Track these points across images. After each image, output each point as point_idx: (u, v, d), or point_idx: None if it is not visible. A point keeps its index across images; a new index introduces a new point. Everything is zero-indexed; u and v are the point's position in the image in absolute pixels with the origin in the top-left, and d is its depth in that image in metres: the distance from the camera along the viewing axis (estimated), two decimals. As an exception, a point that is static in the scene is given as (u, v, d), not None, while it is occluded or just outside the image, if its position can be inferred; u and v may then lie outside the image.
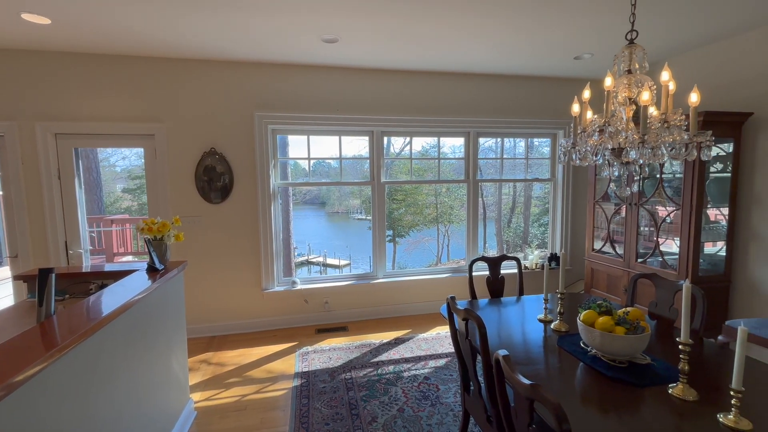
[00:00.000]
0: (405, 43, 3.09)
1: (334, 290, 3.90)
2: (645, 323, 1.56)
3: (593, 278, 3.93)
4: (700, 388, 1.43)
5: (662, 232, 3.32)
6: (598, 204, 3.92)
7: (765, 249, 2.91)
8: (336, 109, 3.78)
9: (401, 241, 13.21)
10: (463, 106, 4.07)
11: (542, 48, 3.25)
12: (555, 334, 1.95)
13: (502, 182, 4.91)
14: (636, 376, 1.48)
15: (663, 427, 1.24)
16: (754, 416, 1.28)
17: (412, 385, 2.73)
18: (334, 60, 3.52)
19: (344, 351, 3.27)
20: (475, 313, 1.59)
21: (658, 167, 3.28)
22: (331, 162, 7.54)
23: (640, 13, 2.58)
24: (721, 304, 3.10)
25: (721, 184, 3.09)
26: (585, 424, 1.27)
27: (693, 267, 2.98)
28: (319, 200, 20.11)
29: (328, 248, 15.48)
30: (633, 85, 1.51)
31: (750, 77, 2.98)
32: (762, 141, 2.91)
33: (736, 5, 2.50)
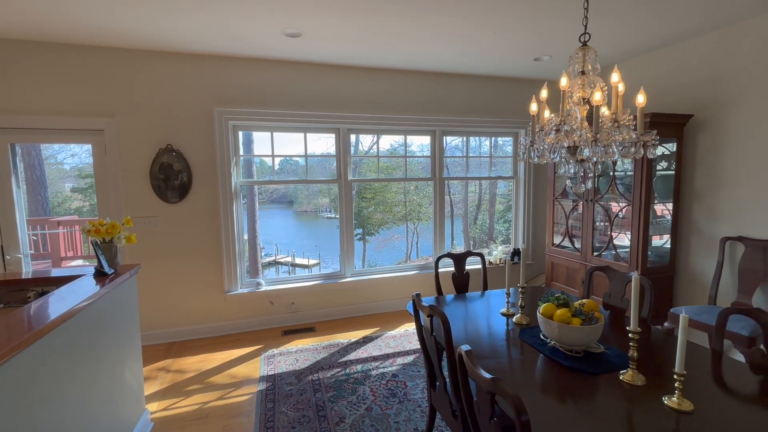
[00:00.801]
0: (369, 40, 3.08)
1: (301, 290, 3.82)
2: (599, 314, 1.64)
3: (553, 272, 4.10)
4: (648, 373, 1.52)
5: (615, 226, 3.51)
6: (557, 201, 4.08)
7: (704, 241, 3.15)
8: (301, 105, 3.70)
9: (371, 239, 13.21)
10: (429, 104, 4.11)
11: (504, 49, 3.34)
12: (517, 327, 2.01)
13: (467, 180, 5.04)
14: (591, 365, 1.55)
15: (614, 412, 1.30)
16: (695, 397, 1.37)
17: (380, 383, 2.72)
18: (298, 55, 3.44)
19: (311, 352, 3.21)
20: (439, 309, 1.61)
21: (610, 165, 3.47)
22: (298, 160, 7.44)
23: (593, 19, 2.71)
24: (666, 293, 3.32)
25: (666, 181, 3.31)
26: (545, 413, 1.31)
27: (642, 259, 3.17)
28: (286, 199, 19.70)
29: (297, 248, 15.23)
30: (586, 86, 1.58)
31: (691, 82, 3.20)
32: (701, 141, 3.14)
33: (679, 14, 2.68)
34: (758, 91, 2.76)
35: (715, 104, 3.02)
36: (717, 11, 2.65)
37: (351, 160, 3.97)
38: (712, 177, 3.07)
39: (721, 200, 3.01)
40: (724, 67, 2.96)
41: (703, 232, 3.15)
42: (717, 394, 1.40)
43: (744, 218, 2.87)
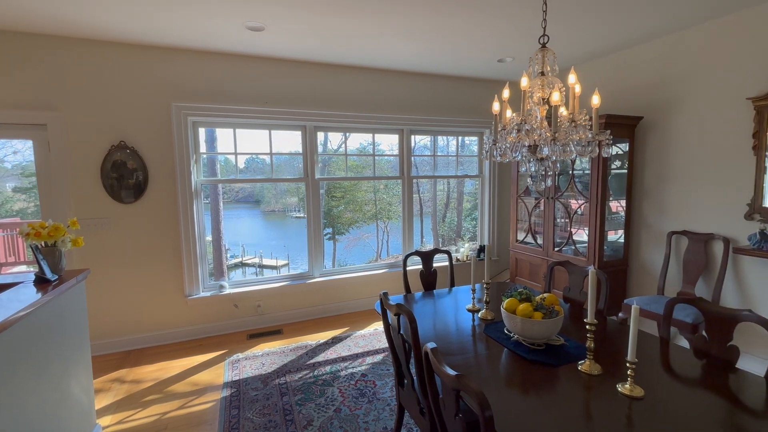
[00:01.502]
0: (334, 37, 3.03)
1: (268, 292, 3.72)
2: (559, 307, 1.69)
3: (517, 267, 4.23)
4: (604, 362, 1.59)
5: (575, 223, 3.67)
6: (520, 198, 4.22)
7: (653, 235, 3.36)
8: (265, 101, 3.59)
9: (341, 238, 13.11)
10: (397, 103, 4.11)
11: (469, 50, 3.39)
12: (483, 322, 2.05)
13: (435, 179, 5.14)
14: (551, 357, 1.60)
15: (573, 401, 1.35)
16: (646, 383, 1.45)
17: (349, 383, 2.70)
18: (261, 50, 3.33)
19: (279, 355, 3.13)
20: (406, 307, 1.60)
21: (570, 164, 3.62)
22: (265, 158, 7.26)
23: (552, 25, 2.80)
24: (621, 285, 3.52)
25: (620, 179, 3.50)
26: (509, 405, 1.34)
27: (599, 253, 3.33)
28: (253, 198, 19.13)
29: (265, 248, 14.88)
30: (546, 86, 1.62)
31: (641, 85, 3.40)
32: (650, 141, 3.34)
33: (628, 22, 2.82)
34: (699, 95, 2.97)
35: (662, 106, 3.22)
36: (663, 20, 2.82)
37: (318, 158, 3.91)
38: (660, 175, 3.28)
39: (668, 197, 3.22)
40: (670, 72, 3.16)
41: (653, 227, 3.36)
42: (665, 380, 1.48)
43: (688, 213, 3.08)
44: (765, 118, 2.60)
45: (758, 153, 2.64)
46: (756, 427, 1.21)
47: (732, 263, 2.82)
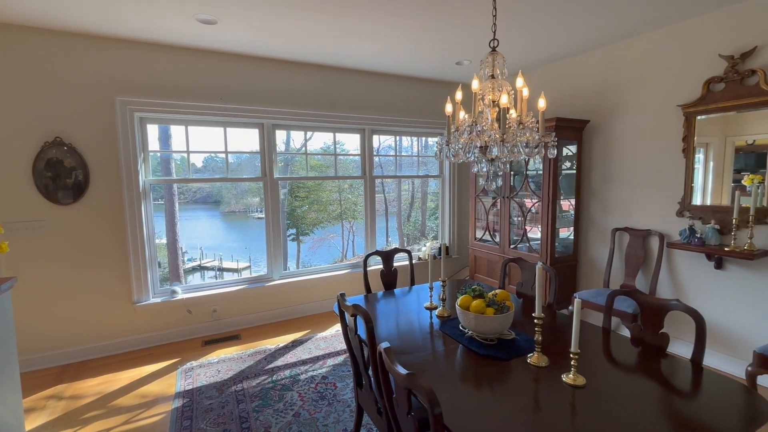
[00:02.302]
0: (291, 34, 2.96)
1: (224, 297, 3.57)
2: (510, 303, 1.76)
3: (476, 265, 4.35)
4: (552, 354, 1.67)
5: (529, 221, 3.84)
6: (478, 198, 4.34)
7: (599, 232, 3.58)
8: (219, 98, 3.45)
9: (305, 239, 12.89)
10: (358, 103, 4.09)
11: (427, 52, 3.44)
12: (439, 319, 2.09)
13: (399, 179, 5.17)
14: (503, 351, 1.65)
15: (523, 393, 1.41)
16: (588, 372, 1.53)
17: (309, 386, 2.65)
18: (215, 44, 3.20)
19: (236, 361, 3.02)
20: (362, 308, 1.60)
21: (523, 165, 3.77)
22: (224, 157, 6.99)
23: (507, 31, 2.90)
24: (571, 279, 3.71)
25: (570, 180, 3.69)
26: (463, 400, 1.37)
27: (551, 250, 3.50)
28: (212, 198, 18.34)
29: (225, 251, 14.32)
30: (496, 89, 1.68)
31: (588, 90, 3.60)
32: (596, 144, 3.55)
33: (576, 31, 2.98)
34: (637, 102, 3.20)
35: (606, 111, 3.44)
36: (606, 31, 3.01)
37: (277, 157, 3.81)
38: (604, 175, 3.49)
39: (612, 196, 3.44)
40: (612, 79, 3.38)
41: (598, 224, 3.58)
42: (606, 368, 1.58)
43: (629, 211, 3.31)
44: (693, 124, 2.84)
45: (687, 156, 2.88)
46: (684, 405, 1.31)
47: (666, 257, 3.06)
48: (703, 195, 2.82)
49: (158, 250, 10.61)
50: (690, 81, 2.86)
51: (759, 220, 2.54)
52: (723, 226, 2.71)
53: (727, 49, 2.65)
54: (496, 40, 1.70)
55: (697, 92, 2.81)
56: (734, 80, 2.60)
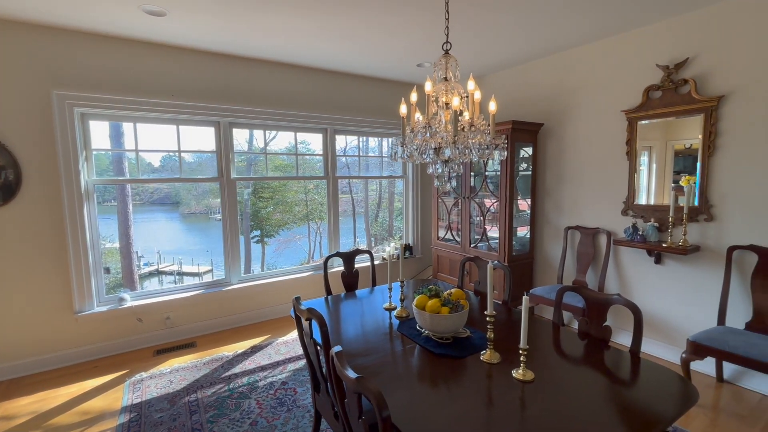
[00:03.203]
0: (247, 30, 2.87)
1: (178, 303, 3.40)
2: (465, 301, 1.79)
3: (439, 264, 4.42)
4: (505, 350, 1.71)
5: (488, 221, 3.94)
6: (440, 198, 4.41)
7: (553, 231, 3.74)
8: (172, 94, 3.28)
9: (271, 240, 12.57)
10: (320, 102, 4.03)
11: (388, 53, 3.44)
12: (398, 320, 2.09)
13: (367, 179, 5.17)
14: (458, 349, 1.68)
15: (476, 389, 1.44)
16: (538, 366, 1.59)
17: (267, 393, 2.58)
18: (165, 37, 3.03)
19: (190, 370, 2.88)
20: (316, 311, 1.57)
21: (482, 165, 3.87)
22: (184, 156, 6.67)
23: (465, 37, 2.96)
24: (528, 277, 3.86)
25: (526, 180, 3.83)
26: (418, 399, 1.38)
27: (508, 248, 3.62)
28: (171, 199, 17.44)
29: (185, 254, 13.69)
30: (449, 91, 1.70)
31: (542, 95, 3.75)
32: (550, 146, 3.71)
33: (527, 39, 3.10)
34: (587, 106, 3.37)
35: (559, 115, 3.60)
36: (556, 39, 3.14)
37: (235, 156, 3.68)
38: (557, 176, 3.65)
39: (564, 196, 3.60)
40: (564, 85, 3.54)
41: (552, 223, 3.74)
42: (555, 361, 1.64)
43: (580, 210, 3.48)
44: (635, 128, 3.03)
45: (630, 158, 3.07)
46: (624, 393, 1.39)
47: (613, 253, 3.25)
48: (648, 195, 3.01)
49: (110, 255, 9.92)
50: (632, 88, 3.05)
51: (692, 218, 2.75)
52: (661, 224, 2.91)
53: (663, 59, 2.85)
54: (448, 43, 1.73)
55: (638, 99, 3.00)
56: (670, 88, 2.80)
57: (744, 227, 2.53)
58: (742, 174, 2.53)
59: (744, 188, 2.52)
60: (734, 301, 2.59)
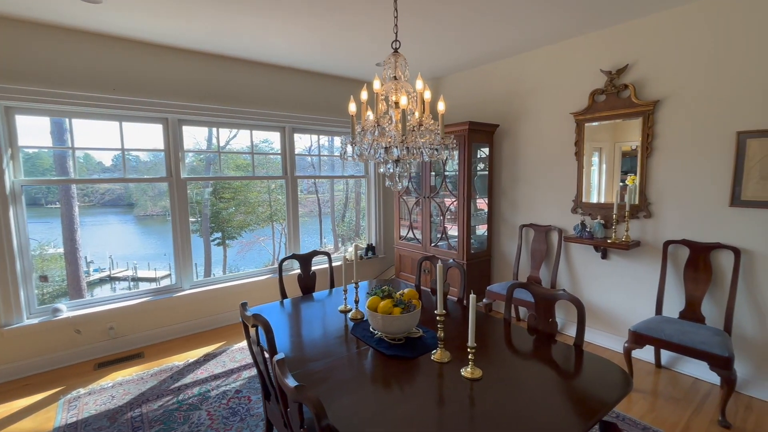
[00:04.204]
0: (195, 22, 2.72)
1: (123, 311, 3.18)
2: (417, 301, 1.78)
3: (401, 263, 4.43)
4: (456, 349, 1.73)
5: (449, 220, 3.99)
6: (402, 197, 4.42)
7: (509, 228, 3.85)
8: (112, 88, 3.06)
9: (233, 242, 12.13)
10: (278, 100, 3.92)
11: (347, 52, 3.39)
12: (353, 322, 2.06)
13: (322, 179, 5.10)
14: (409, 350, 1.67)
15: (428, 389, 1.43)
16: (487, 363, 1.61)
17: (220, 403, 2.46)
18: (103, 26, 2.82)
19: (135, 383, 2.70)
20: (262, 317, 1.50)
21: (441, 165, 3.92)
22: (139, 155, 6.27)
23: (422, 39, 2.97)
24: (486, 274, 3.95)
25: (483, 180, 3.92)
26: (367, 403, 1.35)
27: (467, 246, 3.68)
28: (124, 201, 16.36)
29: (141, 258, 12.95)
30: (399, 90, 1.69)
31: (497, 97, 3.85)
32: (505, 146, 3.82)
33: (479, 43, 3.16)
34: (539, 108, 3.49)
35: (513, 117, 3.71)
36: (509, 42, 3.23)
37: (185, 155, 3.49)
38: (513, 176, 3.77)
39: (519, 195, 3.72)
40: (518, 87, 3.65)
41: (508, 221, 3.85)
42: (504, 357, 1.67)
43: (534, 208, 3.61)
44: (582, 130, 3.17)
45: (578, 158, 3.21)
46: (567, 385, 1.43)
47: (564, 249, 3.39)
48: (599, 194, 3.15)
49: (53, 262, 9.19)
50: (579, 92, 3.19)
51: (633, 215, 2.92)
52: (607, 221, 3.06)
53: (606, 65, 3.01)
54: (398, 41, 1.72)
55: (585, 102, 3.15)
56: (612, 93, 2.96)
57: (678, 223, 2.72)
58: (675, 174, 2.71)
59: (676, 187, 2.71)
60: (670, 292, 2.77)
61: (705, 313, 2.58)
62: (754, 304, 2.44)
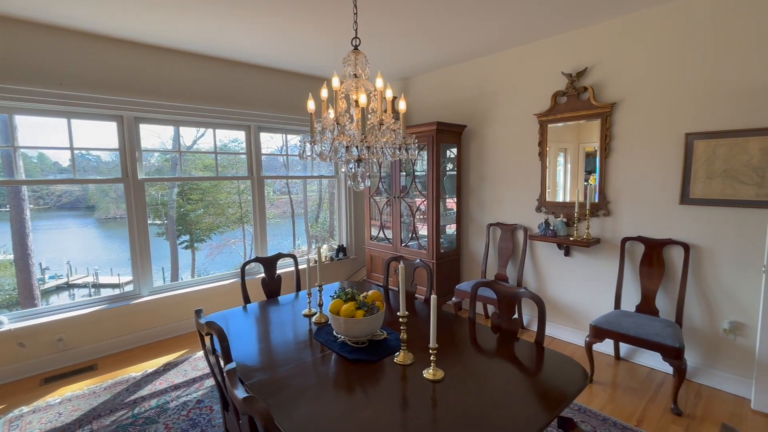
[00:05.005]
0: (151, 14, 2.58)
1: (74, 321, 2.98)
2: (381, 303, 1.76)
3: (372, 264, 4.40)
4: (421, 350, 1.71)
5: (419, 219, 4.00)
6: (372, 198, 4.40)
7: (477, 227, 3.90)
8: (60, 82, 2.86)
9: (202, 245, 11.70)
10: (243, 98, 3.80)
11: (313, 50, 3.33)
12: (317, 326, 2.01)
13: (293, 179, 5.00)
14: (372, 353, 1.64)
15: (391, 392, 1.41)
16: (450, 363, 1.61)
17: (179, 415, 2.34)
18: (49, 16, 2.62)
19: (86, 398, 2.53)
20: (216, 325, 1.43)
21: (411, 165, 3.92)
22: (99, 155, 5.93)
23: (389, 39, 2.95)
24: (455, 272, 3.98)
25: (452, 180, 3.95)
26: (326, 409, 1.31)
27: (436, 246, 3.70)
28: (84, 203, 15.46)
29: (103, 264, 12.27)
30: (359, 89, 1.65)
31: (464, 98, 3.89)
32: (472, 147, 3.86)
33: (445, 44, 3.18)
34: (504, 109, 3.56)
35: (480, 117, 3.76)
36: (474, 44, 3.27)
37: (142, 154, 3.32)
38: (480, 176, 3.82)
39: (486, 194, 3.78)
40: (484, 88, 3.70)
41: (476, 220, 3.90)
42: (469, 357, 1.67)
43: (501, 208, 3.67)
44: (545, 131, 3.25)
45: (542, 158, 3.29)
46: (529, 380, 1.45)
47: (529, 247, 3.47)
48: (564, 193, 3.23)
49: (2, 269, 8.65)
50: (542, 93, 3.27)
51: (593, 213, 3.02)
52: (569, 220, 3.16)
53: (567, 67, 3.10)
54: (357, 38, 1.68)
55: (548, 103, 3.23)
56: (573, 95, 3.05)
57: (634, 220, 2.83)
58: (631, 173, 2.83)
59: (632, 186, 2.83)
60: (628, 287, 2.89)
61: (659, 306, 2.70)
62: (702, 296, 2.58)
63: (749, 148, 2.33)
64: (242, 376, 1.54)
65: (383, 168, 4.34)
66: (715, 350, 2.54)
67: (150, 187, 4.76)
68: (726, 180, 2.41)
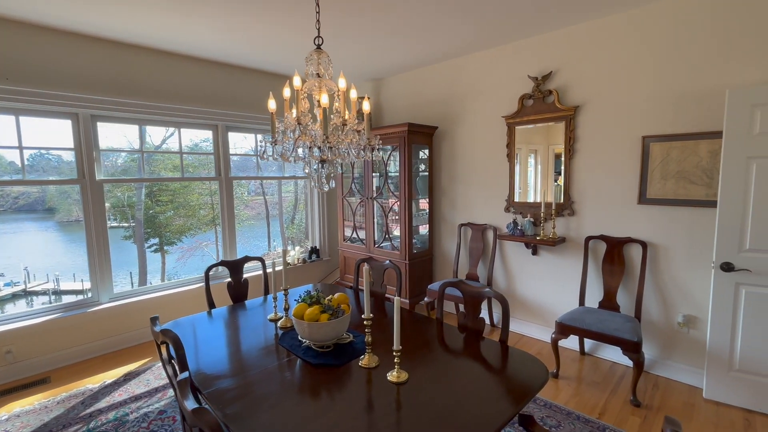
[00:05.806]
0: (110, 8, 2.46)
1: (23, 332, 2.80)
2: (347, 306, 1.74)
3: (345, 265, 4.37)
4: (386, 353, 1.70)
5: (392, 220, 4.00)
6: (345, 199, 4.36)
7: (449, 228, 3.94)
8: (5, 77, 2.68)
9: (172, 249, 11.30)
10: (209, 96, 3.68)
11: (280, 48, 3.26)
12: (283, 330, 1.97)
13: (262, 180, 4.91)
14: (337, 357, 1.62)
15: (356, 396, 1.39)
16: (416, 364, 1.60)
17: (139, 427, 2.24)
18: (-11, 6, 2.45)
19: (37, 413, 2.38)
20: (171, 332, 1.37)
21: (383, 166, 3.91)
22: (60, 154, 5.65)
23: (363, 41, 2.93)
24: (428, 272, 4.01)
25: (424, 181, 3.98)
26: (287, 417, 1.28)
27: (409, 246, 3.71)
28: (43, 205, 14.62)
29: (66, 269, 11.64)
30: (322, 88, 1.63)
31: (435, 99, 3.93)
32: (444, 148, 3.90)
33: (414, 46, 3.20)
34: (473, 111, 3.61)
35: (451, 119, 3.80)
36: (444, 46, 3.30)
37: (100, 154, 3.16)
38: (451, 176, 3.86)
39: (458, 195, 3.82)
40: (454, 90, 3.74)
41: (448, 221, 3.94)
42: (434, 357, 1.67)
43: (471, 208, 3.72)
44: (513, 133, 3.32)
45: (510, 160, 3.36)
46: (492, 378, 1.46)
47: (499, 247, 3.54)
48: (534, 193, 3.29)
49: (-55, 277, 7.86)
50: (510, 96, 3.34)
51: (559, 213, 3.10)
52: (536, 219, 3.24)
53: (533, 71, 3.17)
54: (320, 38, 1.66)
55: (515, 106, 3.30)
56: (539, 98, 3.12)
57: (596, 220, 2.94)
58: (593, 174, 2.93)
59: (595, 186, 2.93)
60: (591, 284, 2.99)
61: (620, 302, 2.81)
62: (658, 291, 2.70)
63: (699, 150, 2.46)
64: (201, 385, 1.48)
65: (356, 169, 4.32)
66: (671, 343, 2.67)
67: (115, 189, 4.55)
68: (679, 181, 2.54)
